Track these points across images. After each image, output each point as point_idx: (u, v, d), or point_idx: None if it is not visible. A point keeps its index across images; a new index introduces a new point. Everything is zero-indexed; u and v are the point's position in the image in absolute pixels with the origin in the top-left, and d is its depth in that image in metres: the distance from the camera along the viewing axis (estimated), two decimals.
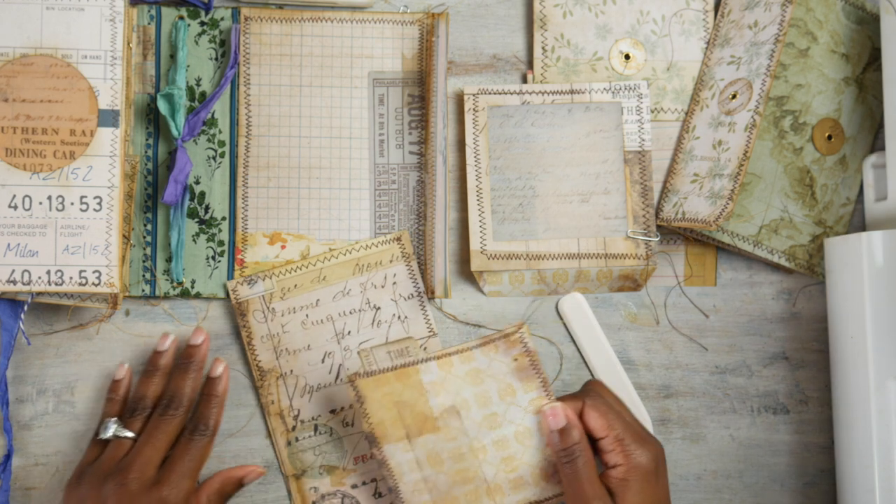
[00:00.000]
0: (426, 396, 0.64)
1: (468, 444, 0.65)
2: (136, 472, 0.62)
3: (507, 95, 0.72)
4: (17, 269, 0.64)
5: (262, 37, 0.72)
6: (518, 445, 0.65)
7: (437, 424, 0.65)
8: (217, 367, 0.68)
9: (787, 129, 0.73)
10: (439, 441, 0.64)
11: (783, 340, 0.74)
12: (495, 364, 0.64)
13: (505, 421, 0.64)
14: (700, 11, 0.74)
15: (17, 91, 0.65)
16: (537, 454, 0.64)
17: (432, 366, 0.64)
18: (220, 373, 0.68)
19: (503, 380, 0.64)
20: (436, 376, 0.65)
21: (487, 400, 0.64)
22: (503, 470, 0.65)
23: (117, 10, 0.66)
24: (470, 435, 0.65)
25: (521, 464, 0.65)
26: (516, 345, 0.64)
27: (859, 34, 0.74)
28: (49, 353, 0.70)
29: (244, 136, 0.71)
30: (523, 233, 0.71)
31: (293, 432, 0.70)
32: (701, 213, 0.69)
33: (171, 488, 0.62)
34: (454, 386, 0.64)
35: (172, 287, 0.70)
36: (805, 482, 0.73)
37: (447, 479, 0.65)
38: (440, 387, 0.64)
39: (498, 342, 0.64)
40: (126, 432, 0.65)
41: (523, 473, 0.65)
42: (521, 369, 0.64)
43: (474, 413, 0.64)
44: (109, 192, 0.65)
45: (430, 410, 0.65)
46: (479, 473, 0.65)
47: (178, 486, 0.62)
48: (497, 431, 0.64)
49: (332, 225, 0.72)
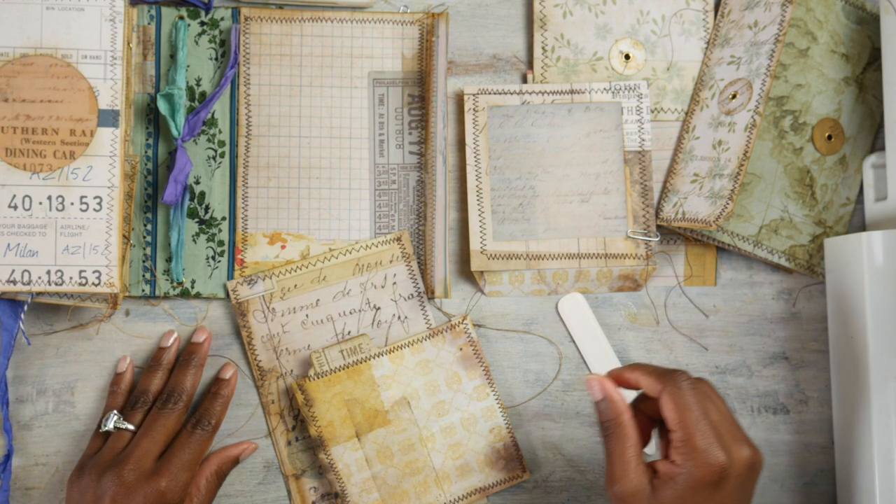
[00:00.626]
0: (378, 391, 0.68)
1: (418, 433, 0.68)
2: (132, 464, 0.62)
3: (507, 95, 0.72)
4: (17, 269, 0.64)
5: (262, 37, 0.72)
6: (464, 432, 0.69)
7: (387, 417, 0.68)
8: (227, 370, 0.69)
9: (787, 129, 0.73)
10: (390, 434, 0.68)
11: (783, 340, 0.74)
12: (443, 354, 0.69)
13: (452, 408, 0.69)
14: (700, 11, 0.74)
15: (17, 91, 0.65)
16: (481, 440, 0.69)
17: (384, 360, 0.69)
18: (230, 376, 0.69)
19: (450, 368, 0.69)
20: (388, 370, 0.69)
21: (436, 388, 0.69)
22: (450, 457, 0.68)
23: (117, 10, 0.66)
24: (419, 424, 0.69)
25: (467, 450, 0.69)
26: (461, 335, 0.70)
27: (859, 34, 0.74)
28: (49, 353, 0.70)
29: (244, 136, 0.71)
30: (523, 233, 0.71)
31: (293, 432, 0.70)
32: (701, 213, 0.69)
33: (169, 480, 0.62)
34: (405, 377, 0.69)
35: (172, 287, 0.70)
36: (805, 482, 0.73)
37: (397, 472, 0.68)
38: (391, 380, 0.69)
39: (445, 333, 0.69)
40: (126, 424, 0.65)
41: (469, 460, 0.69)
42: (466, 358, 0.70)
43: (423, 402, 0.69)
44: (109, 192, 0.65)
45: (381, 404, 0.69)
46: (429, 462, 0.68)
47: (176, 477, 0.63)
48: (444, 419, 0.69)
49: (332, 225, 0.72)
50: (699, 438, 0.53)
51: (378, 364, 0.69)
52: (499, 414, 0.70)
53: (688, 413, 0.54)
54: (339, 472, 0.68)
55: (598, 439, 0.72)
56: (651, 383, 0.56)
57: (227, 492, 0.70)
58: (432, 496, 0.68)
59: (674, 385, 0.55)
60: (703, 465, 0.53)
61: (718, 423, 0.55)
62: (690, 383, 0.56)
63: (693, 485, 0.53)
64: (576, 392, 0.72)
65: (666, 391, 0.55)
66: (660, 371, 0.57)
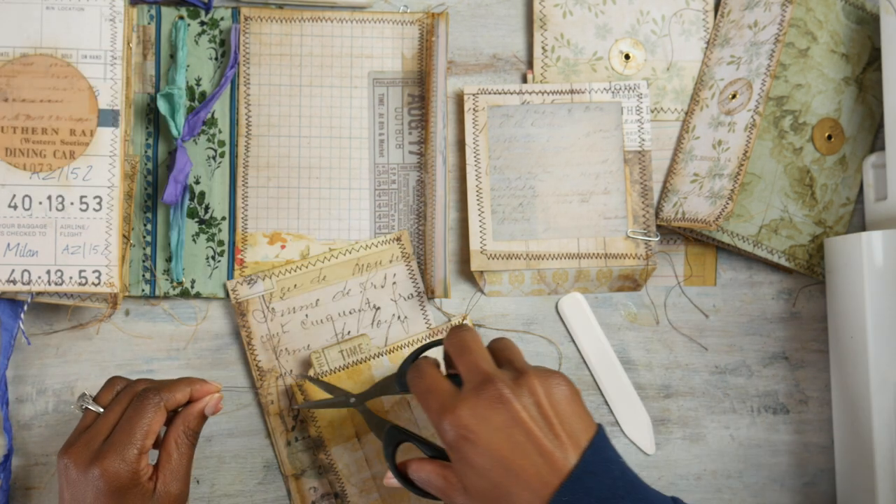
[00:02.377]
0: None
1: (418, 433, 0.67)
2: (80, 445, 0.58)
3: (507, 95, 0.72)
4: (17, 268, 0.64)
5: (262, 37, 0.72)
6: None
7: (387, 417, 0.68)
8: (215, 405, 0.63)
9: (787, 129, 0.73)
10: None
11: (783, 340, 0.74)
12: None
13: None
14: (700, 11, 0.74)
15: (17, 91, 0.65)
16: None
17: (384, 361, 0.68)
18: (213, 407, 0.62)
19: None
20: (387, 370, 0.68)
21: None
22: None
23: (117, 10, 0.66)
24: (419, 425, 0.68)
25: None
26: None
27: (859, 34, 0.74)
28: (49, 353, 0.70)
29: (244, 136, 0.71)
30: (523, 233, 0.71)
31: (292, 432, 0.70)
32: (701, 213, 0.69)
33: (114, 458, 0.57)
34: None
35: (172, 287, 0.70)
36: (805, 482, 0.73)
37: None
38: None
39: (444, 333, 0.69)
40: (94, 405, 0.61)
41: None
42: None
43: None
44: (109, 192, 0.65)
45: (381, 405, 0.68)
46: None
47: (123, 455, 0.57)
48: None
49: (332, 225, 0.72)
50: (432, 415, 0.55)
51: (378, 364, 0.69)
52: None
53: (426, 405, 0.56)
54: (339, 473, 0.68)
55: None
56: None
57: (227, 492, 0.70)
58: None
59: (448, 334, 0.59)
60: (443, 436, 0.54)
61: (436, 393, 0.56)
62: (417, 370, 0.58)
63: (455, 461, 0.54)
64: None
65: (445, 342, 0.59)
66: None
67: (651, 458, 0.72)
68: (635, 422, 0.72)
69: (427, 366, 0.58)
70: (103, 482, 0.56)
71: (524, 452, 0.52)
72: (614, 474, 0.52)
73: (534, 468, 0.52)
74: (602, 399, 0.73)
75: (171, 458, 0.59)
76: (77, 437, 0.59)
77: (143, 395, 0.59)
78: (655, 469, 0.72)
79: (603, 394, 0.72)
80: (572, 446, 0.52)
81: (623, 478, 0.52)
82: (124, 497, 0.56)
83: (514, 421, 0.52)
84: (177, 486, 0.59)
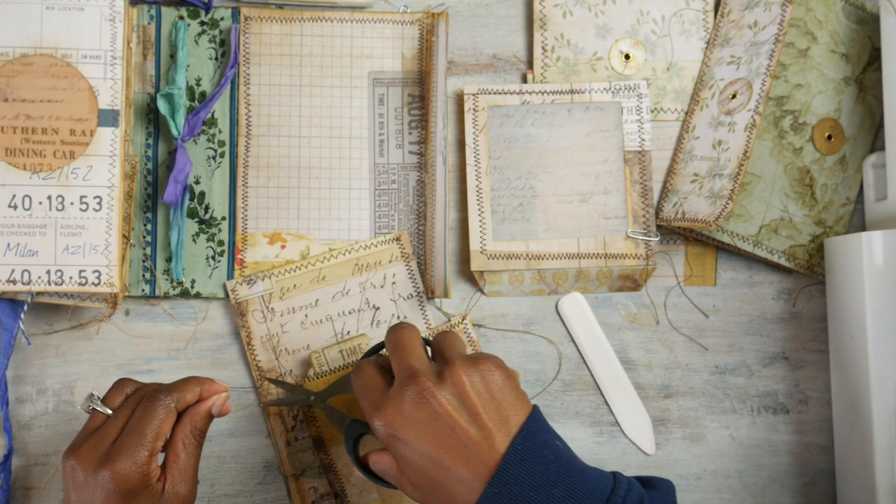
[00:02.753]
0: None
1: None
2: (88, 447, 0.57)
3: (507, 95, 0.72)
4: (17, 268, 0.64)
5: (262, 37, 0.72)
6: None
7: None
8: (222, 405, 0.62)
9: (787, 129, 0.72)
10: None
11: (783, 340, 0.74)
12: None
13: None
14: (700, 11, 0.74)
15: (17, 91, 0.65)
16: None
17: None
18: (220, 407, 0.62)
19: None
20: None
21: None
22: None
23: (117, 10, 0.66)
24: None
25: None
26: (461, 335, 0.69)
27: (859, 34, 0.74)
28: (49, 353, 0.70)
29: (244, 136, 0.71)
30: (523, 233, 0.71)
31: (292, 432, 0.70)
32: (701, 213, 0.69)
33: (125, 461, 0.56)
34: None
35: (172, 287, 0.70)
36: (805, 482, 0.73)
37: None
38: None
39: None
40: (102, 407, 0.60)
41: None
42: None
43: None
44: (109, 192, 0.65)
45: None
46: None
47: (133, 457, 0.56)
48: None
49: (331, 225, 0.72)
50: (366, 408, 0.56)
51: None
52: None
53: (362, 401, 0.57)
54: (339, 472, 0.68)
55: (598, 439, 0.72)
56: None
57: (227, 492, 0.70)
58: None
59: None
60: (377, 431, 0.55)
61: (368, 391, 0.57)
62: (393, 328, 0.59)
63: (387, 445, 0.55)
64: (576, 392, 0.72)
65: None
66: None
67: (651, 458, 0.72)
68: (635, 422, 0.72)
69: (366, 364, 0.58)
70: (113, 484, 0.55)
71: (451, 446, 0.52)
72: (547, 459, 0.52)
73: (463, 460, 0.51)
74: (602, 399, 0.73)
75: (178, 459, 0.59)
76: (84, 438, 0.58)
77: (154, 397, 0.58)
78: (655, 469, 0.72)
79: (603, 394, 0.72)
80: (502, 434, 0.52)
81: (557, 462, 0.52)
82: (134, 499, 0.56)
83: (436, 415, 0.52)
84: (185, 486, 0.58)
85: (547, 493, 0.50)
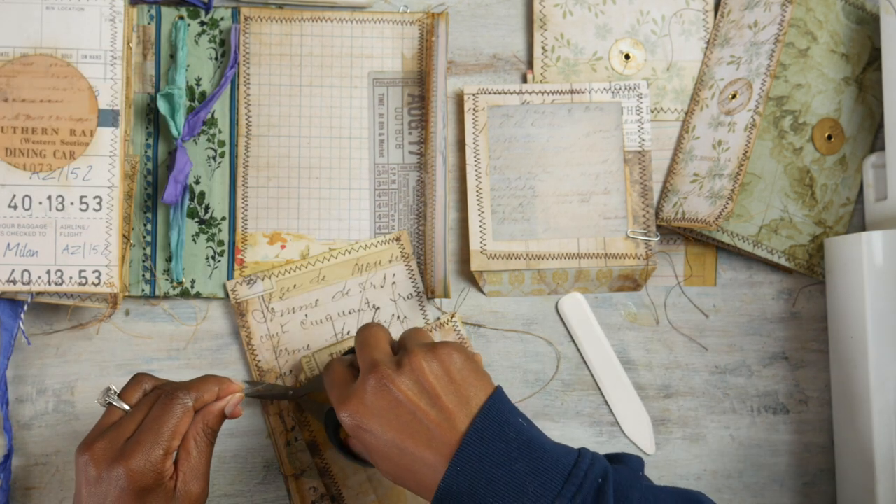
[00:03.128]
0: None
1: None
2: (104, 443, 0.56)
3: (507, 95, 0.72)
4: (17, 268, 0.64)
5: (262, 37, 0.72)
6: None
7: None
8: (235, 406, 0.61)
9: (787, 129, 0.72)
10: None
11: (783, 340, 0.74)
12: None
13: None
14: (700, 11, 0.74)
15: (17, 91, 0.65)
16: None
17: None
18: (235, 407, 0.61)
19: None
20: None
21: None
22: None
23: (117, 10, 0.66)
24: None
25: None
26: (450, 332, 0.69)
27: (859, 34, 0.74)
28: (49, 353, 0.70)
29: (244, 136, 0.71)
30: (523, 233, 0.71)
31: (292, 432, 0.70)
32: (701, 213, 0.69)
33: (139, 459, 0.55)
34: None
35: (172, 287, 0.70)
36: (805, 482, 0.73)
37: None
38: None
39: (434, 332, 0.69)
40: (119, 402, 0.59)
41: None
42: None
43: None
44: (109, 192, 0.65)
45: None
46: None
47: (148, 456, 0.55)
48: None
49: (332, 225, 0.72)
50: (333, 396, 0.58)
51: None
52: None
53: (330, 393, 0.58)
54: (335, 476, 0.68)
55: (598, 439, 0.72)
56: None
57: (227, 492, 0.70)
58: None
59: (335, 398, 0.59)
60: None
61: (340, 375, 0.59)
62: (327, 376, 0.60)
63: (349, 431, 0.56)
64: (575, 392, 0.72)
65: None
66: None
67: (651, 458, 0.72)
68: (635, 422, 0.72)
69: (335, 362, 0.60)
70: (127, 482, 0.55)
71: (413, 430, 0.53)
72: (508, 436, 0.52)
73: (426, 443, 0.52)
74: (602, 399, 0.73)
75: (190, 457, 0.58)
76: (99, 434, 0.57)
77: (172, 395, 0.58)
78: (655, 469, 0.72)
79: (603, 394, 0.72)
80: (463, 414, 0.53)
81: (518, 438, 0.52)
82: (146, 497, 0.56)
83: (397, 401, 0.53)
84: (197, 485, 0.58)
85: (509, 468, 0.51)
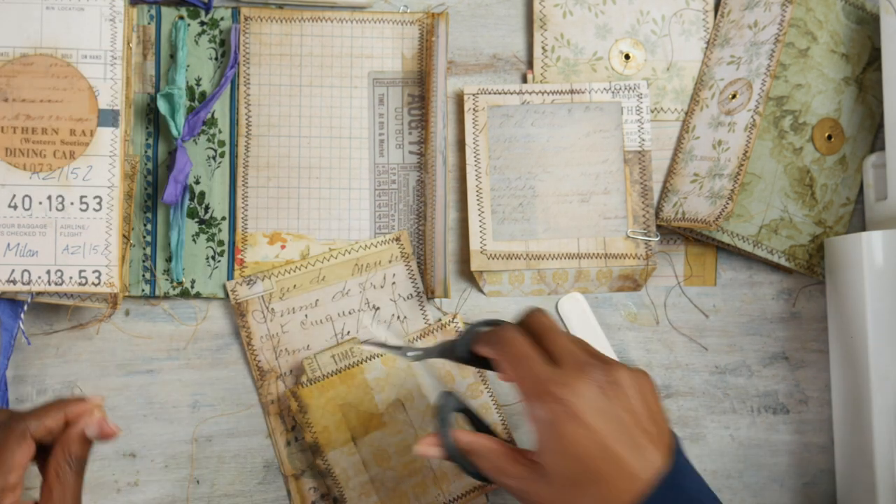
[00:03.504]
0: (371, 394, 0.68)
1: (413, 434, 0.68)
2: None
3: (507, 95, 0.72)
4: (17, 268, 0.64)
5: (262, 37, 0.72)
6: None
7: (382, 420, 0.68)
8: (98, 425, 0.55)
9: (787, 129, 0.73)
10: (385, 436, 0.67)
11: (783, 340, 0.74)
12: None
13: None
14: (700, 11, 0.74)
15: (17, 91, 0.65)
16: None
17: (377, 363, 0.68)
18: (96, 427, 0.55)
19: (442, 367, 0.69)
20: (380, 372, 0.68)
21: (429, 389, 0.68)
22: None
23: (117, 10, 0.66)
24: (415, 425, 0.68)
25: None
26: (451, 334, 0.69)
27: (859, 34, 0.74)
28: (49, 353, 0.70)
29: (244, 136, 0.71)
30: (523, 233, 0.71)
31: (292, 432, 0.70)
32: (701, 213, 0.69)
33: None
34: (398, 379, 0.68)
35: (172, 287, 0.70)
36: (805, 482, 0.73)
37: (394, 474, 0.67)
38: (385, 382, 0.68)
39: (436, 332, 0.69)
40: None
41: None
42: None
43: (418, 403, 0.68)
44: (109, 192, 0.65)
45: (375, 407, 0.68)
46: (426, 463, 0.68)
47: None
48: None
49: (332, 225, 0.72)
50: (528, 388, 0.53)
51: (370, 367, 0.68)
52: (494, 412, 0.70)
53: (515, 368, 0.54)
54: (337, 477, 0.68)
55: None
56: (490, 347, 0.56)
57: (227, 492, 0.70)
58: (431, 496, 0.68)
59: (496, 348, 0.55)
60: (534, 417, 0.53)
61: (538, 365, 0.54)
62: (505, 335, 0.55)
63: (542, 431, 0.52)
64: None
65: (496, 362, 0.56)
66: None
67: None
68: None
69: (513, 332, 0.55)
70: None
71: (624, 441, 0.51)
72: (699, 479, 0.53)
73: (630, 458, 0.51)
74: None
75: (52, 494, 0.52)
76: None
77: (4, 426, 0.53)
78: None
79: None
80: (662, 444, 0.52)
81: (704, 484, 0.53)
82: None
83: (623, 408, 0.52)
84: None
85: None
